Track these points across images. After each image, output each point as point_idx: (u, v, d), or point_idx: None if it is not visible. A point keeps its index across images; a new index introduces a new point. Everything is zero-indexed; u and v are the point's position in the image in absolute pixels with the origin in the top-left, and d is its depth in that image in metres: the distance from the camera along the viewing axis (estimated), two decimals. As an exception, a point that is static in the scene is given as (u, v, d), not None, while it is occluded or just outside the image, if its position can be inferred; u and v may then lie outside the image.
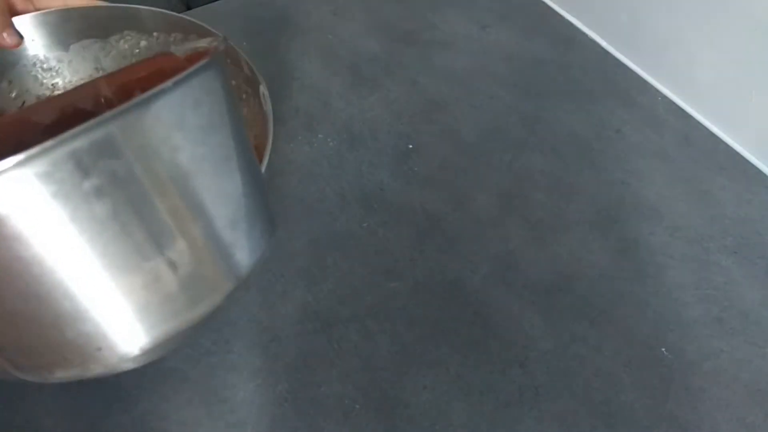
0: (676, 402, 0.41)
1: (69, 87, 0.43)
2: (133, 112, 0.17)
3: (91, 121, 0.16)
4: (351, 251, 0.47)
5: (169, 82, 0.18)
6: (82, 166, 0.16)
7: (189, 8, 0.69)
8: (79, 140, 0.16)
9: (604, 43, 0.69)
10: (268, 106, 0.38)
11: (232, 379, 0.40)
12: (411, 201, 0.51)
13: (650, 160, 0.57)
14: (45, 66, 0.42)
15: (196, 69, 0.19)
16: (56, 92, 0.42)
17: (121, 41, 0.43)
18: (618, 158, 0.57)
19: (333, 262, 0.46)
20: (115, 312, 0.18)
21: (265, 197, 0.25)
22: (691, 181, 0.55)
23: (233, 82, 0.42)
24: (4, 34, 0.37)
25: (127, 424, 0.37)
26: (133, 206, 0.18)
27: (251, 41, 0.65)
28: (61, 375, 0.19)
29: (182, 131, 0.19)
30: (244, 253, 0.22)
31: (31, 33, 0.39)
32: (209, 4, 0.70)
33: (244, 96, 0.43)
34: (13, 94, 0.41)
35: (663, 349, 0.44)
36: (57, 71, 0.42)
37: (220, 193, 0.21)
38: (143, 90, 0.32)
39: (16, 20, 0.38)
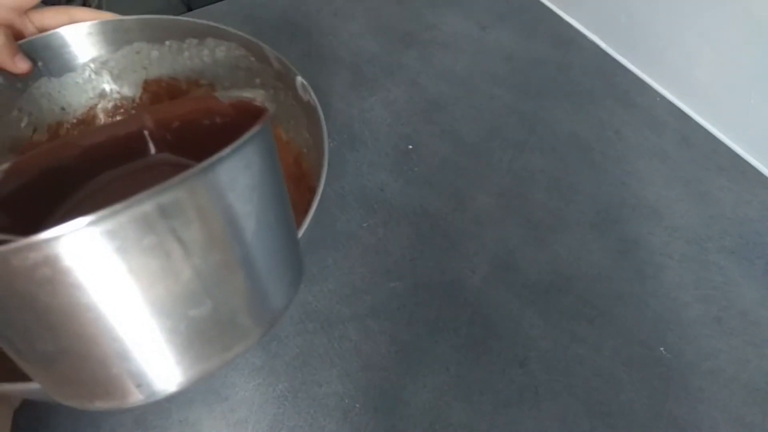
0: (676, 401, 0.41)
1: (83, 107, 0.43)
2: (197, 178, 0.19)
3: (159, 187, 0.18)
4: (351, 251, 0.47)
5: (228, 149, 0.19)
6: (146, 225, 0.18)
7: (190, 9, 0.69)
8: (146, 204, 0.18)
9: (603, 44, 0.69)
10: (311, 96, 0.38)
11: (232, 378, 0.40)
12: (411, 201, 0.51)
13: (649, 160, 0.57)
14: (57, 88, 0.41)
15: (251, 136, 0.21)
16: (70, 115, 0.42)
17: (132, 53, 0.43)
18: (617, 159, 0.57)
19: (333, 262, 0.46)
20: (158, 354, 0.20)
21: (298, 246, 0.26)
22: (690, 181, 0.55)
23: (257, 80, 0.42)
24: (14, 60, 0.37)
25: (128, 422, 0.37)
26: (185, 260, 0.19)
27: (251, 42, 0.65)
28: (100, 405, 0.20)
29: (234, 191, 0.20)
30: (276, 301, 0.23)
31: (39, 55, 0.39)
32: (210, 5, 0.70)
33: (272, 91, 0.42)
34: (24, 123, 0.40)
35: (662, 349, 0.44)
36: (68, 91, 0.41)
37: (262, 246, 0.22)
38: (183, 125, 0.32)
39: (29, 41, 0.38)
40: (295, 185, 0.43)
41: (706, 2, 0.56)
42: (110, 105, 0.44)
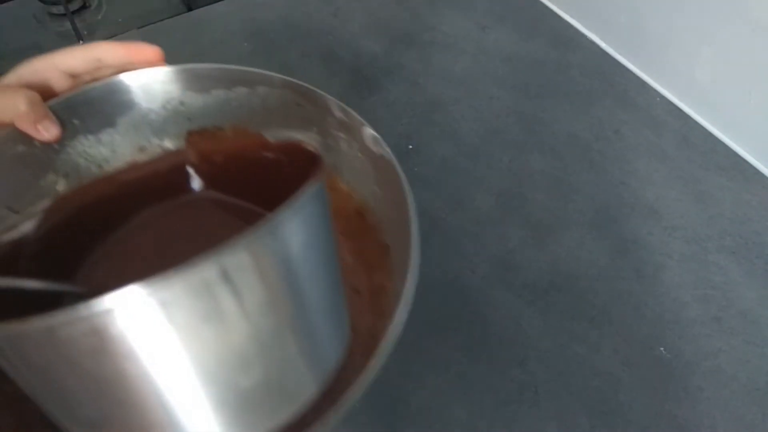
0: (675, 401, 0.41)
1: (122, 163, 0.38)
2: (261, 238, 0.18)
3: (219, 249, 0.17)
4: (351, 251, 0.47)
5: (287, 210, 0.18)
6: (203, 291, 0.17)
7: (190, 9, 0.69)
8: (206, 269, 0.17)
9: (603, 44, 0.69)
10: (383, 149, 0.35)
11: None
12: (411, 201, 0.51)
13: (649, 160, 0.57)
14: (94, 146, 0.37)
15: (310, 195, 0.20)
16: (114, 164, 0.38)
17: (175, 104, 0.41)
18: (617, 158, 0.57)
19: (333, 262, 0.46)
20: (204, 420, 0.19)
21: (345, 302, 0.25)
22: (690, 181, 0.56)
23: (314, 129, 0.40)
24: (39, 128, 0.32)
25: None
26: (240, 325, 0.18)
27: (251, 42, 0.65)
28: None
29: (294, 249, 0.19)
30: (327, 362, 0.22)
31: (75, 112, 0.36)
32: (211, 5, 0.70)
33: (330, 139, 0.40)
34: (60, 185, 0.36)
35: (662, 349, 0.44)
36: (107, 148, 0.38)
37: (316, 306, 0.21)
38: (227, 160, 0.30)
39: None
40: (355, 240, 0.41)
41: (706, 2, 0.56)
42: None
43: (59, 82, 0.35)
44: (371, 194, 0.39)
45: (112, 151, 0.38)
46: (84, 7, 0.71)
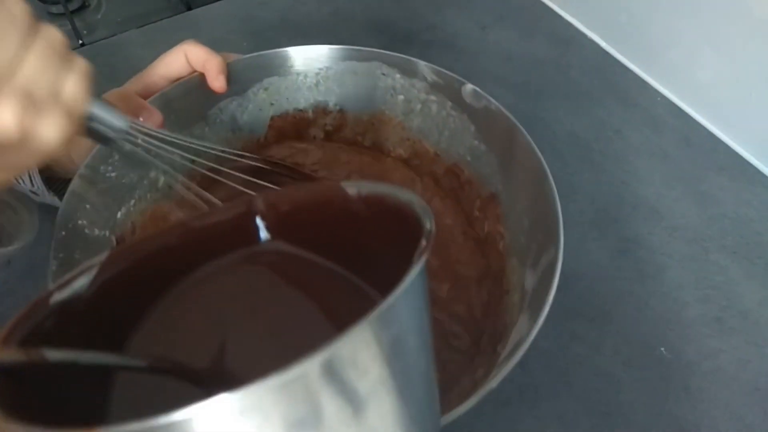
0: (676, 401, 0.41)
1: (211, 154, 0.39)
2: (349, 340, 0.15)
3: (323, 346, 0.14)
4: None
5: (391, 298, 0.16)
6: (301, 393, 0.15)
7: (190, 9, 0.69)
8: (306, 367, 0.14)
9: (603, 44, 0.69)
10: (490, 101, 0.37)
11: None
12: (411, 201, 0.51)
13: (649, 160, 0.57)
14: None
15: (415, 277, 0.17)
16: (199, 165, 0.38)
17: (261, 91, 0.42)
18: (617, 158, 0.57)
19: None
20: None
21: (437, 386, 0.22)
22: (691, 181, 0.55)
23: (400, 98, 0.40)
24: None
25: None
26: (339, 427, 0.16)
27: (251, 41, 0.65)
28: None
29: (396, 333, 0.17)
30: None
31: (171, 107, 0.38)
32: (210, 5, 0.70)
33: (417, 107, 0.42)
34: (161, 183, 0.39)
35: (662, 349, 0.44)
36: (199, 140, 0.39)
37: (415, 396, 0.19)
38: (299, 211, 0.27)
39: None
40: (451, 198, 0.41)
41: (707, 1, 0.56)
42: (239, 145, 0.43)
43: (159, 86, 0.40)
44: (469, 150, 0.40)
45: (204, 142, 0.39)
46: (83, 6, 0.71)
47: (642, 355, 0.43)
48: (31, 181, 0.39)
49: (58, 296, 0.22)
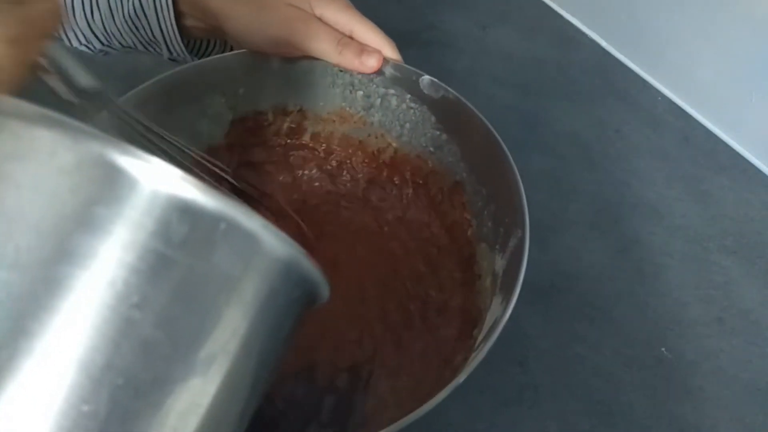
0: (676, 401, 0.41)
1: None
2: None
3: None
4: (351, 251, 0.47)
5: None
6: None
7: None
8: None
9: (604, 43, 0.69)
10: (448, 90, 0.38)
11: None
12: (411, 201, 0.51)
13: (650, 159, 0.57)
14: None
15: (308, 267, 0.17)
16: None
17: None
18: (618, 158, 0.57)
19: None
20: None
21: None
22: (691, 180, 0.55)
23: (359, 93, 0.41)
24: (363, 58, 0.37)
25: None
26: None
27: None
28: None
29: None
30: None
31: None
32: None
33: (377, 101, 0.41)
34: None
35: (663, 349, 0.44)
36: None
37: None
38: None
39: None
40: (419, 187, 0.42)
41: (708, 1, 0.56)
42: (201, 149, 0.42)
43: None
44: (431, 140, 0.40)
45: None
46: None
47: (642, 355, 0.43)
48: (168, 49, 0.40)
49: None
